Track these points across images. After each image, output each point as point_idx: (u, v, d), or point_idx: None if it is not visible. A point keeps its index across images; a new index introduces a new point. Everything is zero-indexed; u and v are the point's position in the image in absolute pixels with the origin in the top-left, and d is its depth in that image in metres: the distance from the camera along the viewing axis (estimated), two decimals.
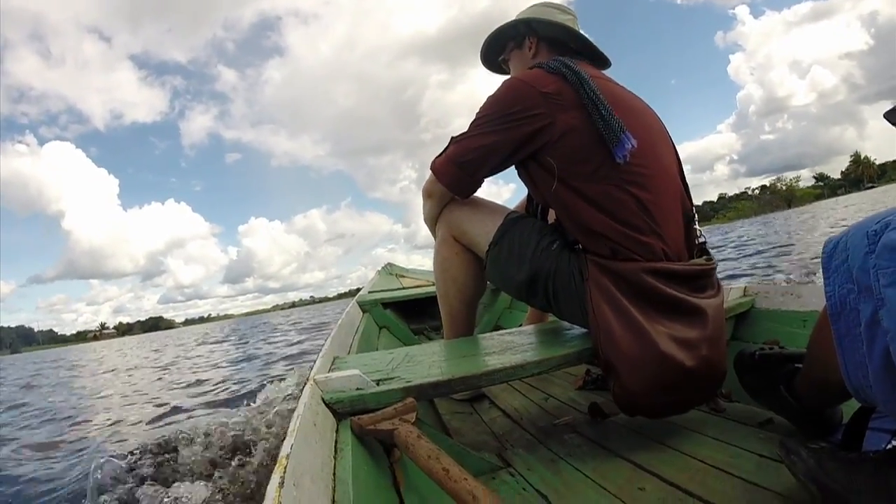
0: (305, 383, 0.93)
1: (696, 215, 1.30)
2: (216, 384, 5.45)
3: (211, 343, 16.36)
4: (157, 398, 5.18)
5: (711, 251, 1.29)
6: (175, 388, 5.83)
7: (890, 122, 0.77)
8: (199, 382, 5.90)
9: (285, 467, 0.59)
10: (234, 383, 5.25)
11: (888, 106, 0.77)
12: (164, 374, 8.13)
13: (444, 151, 1.34)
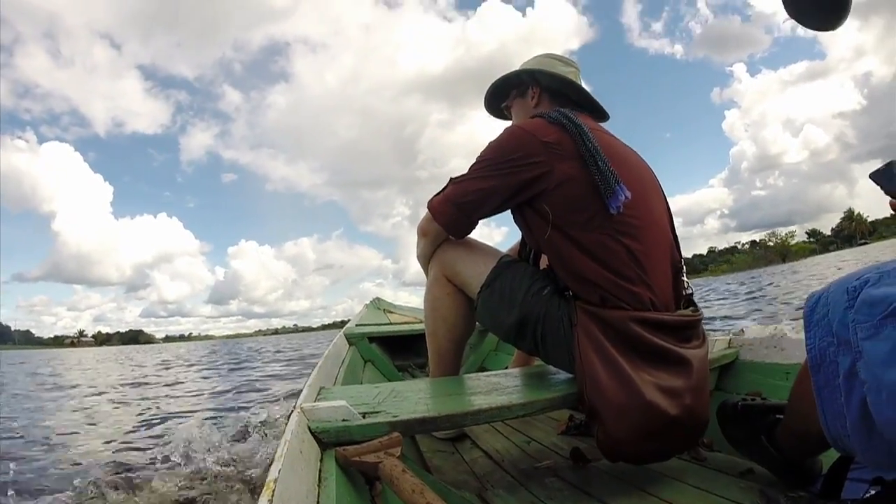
0: (292, 410, 0.93)
1: (685, 267, 1.33)
2: (156, 438, 3.98)
3: (184, 366, 14.86)
4: (68, 448, 3.79)
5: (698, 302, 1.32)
6: (108, 431, 4.45)
7: (875, 182, 0.81)
8: (144, 427, 4.51)
9: (273, 491, 0.60)
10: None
11: (879, 165, 0.81)
12: (114, 404, 6.67)
13: (441, 191, 1.36)
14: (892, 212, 0.84)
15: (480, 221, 1.38)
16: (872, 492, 0.82)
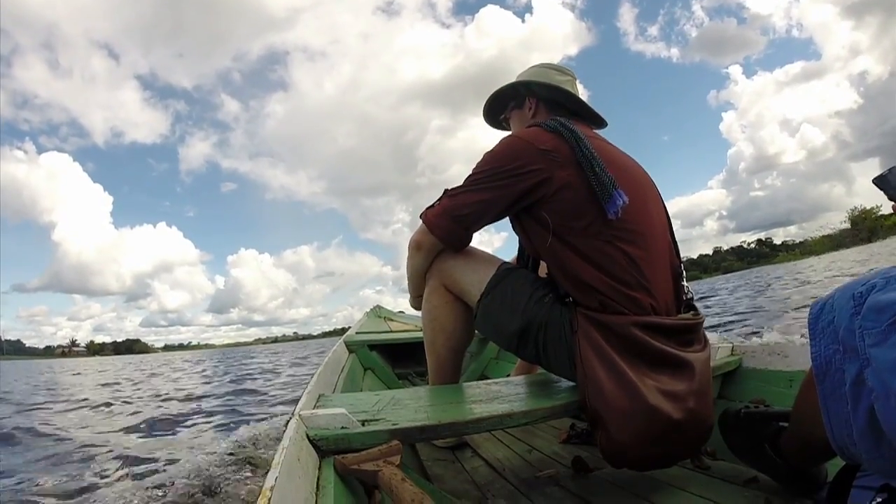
0: (291, 418, 0.92)
1: (685, 272, 1.33)
2: None
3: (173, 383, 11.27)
4: None
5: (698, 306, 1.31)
6: None
7: (879, 187, 0.80)
8: None
9: (269, 499, 0.58)
10: None
11: (877, 163, 0.81)
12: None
13: (436, 203, 1.35)
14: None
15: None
16: (879, 499, 0.80)
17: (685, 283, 1.31)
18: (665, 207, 1.37)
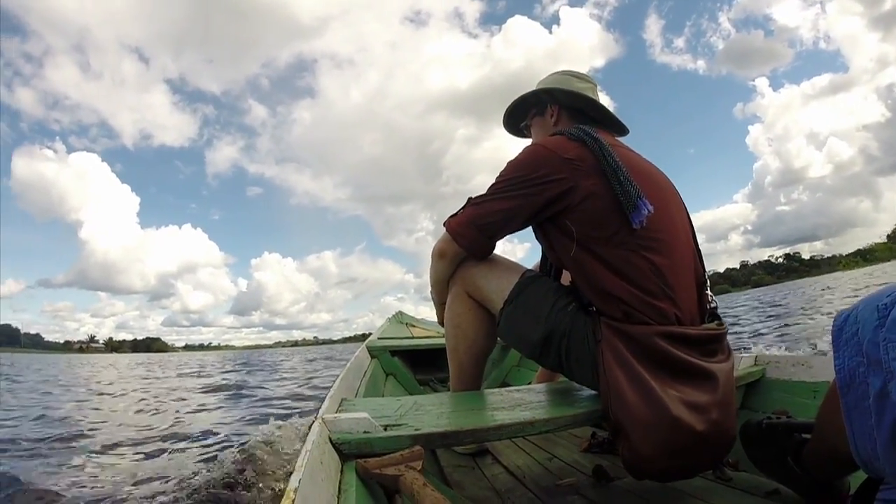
0: (314, 421, 0.94)
1: (708, 281, 1.32)
2: None
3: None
4: None
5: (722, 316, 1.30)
6: None
7: None
8: None
9: (293, 501, 0.60)
10: None
11: None
12: None
13: (460, 212, 1.36)
14: None
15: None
16: None
17: (709, 291, 1.30)
18: (688, 215, 1.35)
